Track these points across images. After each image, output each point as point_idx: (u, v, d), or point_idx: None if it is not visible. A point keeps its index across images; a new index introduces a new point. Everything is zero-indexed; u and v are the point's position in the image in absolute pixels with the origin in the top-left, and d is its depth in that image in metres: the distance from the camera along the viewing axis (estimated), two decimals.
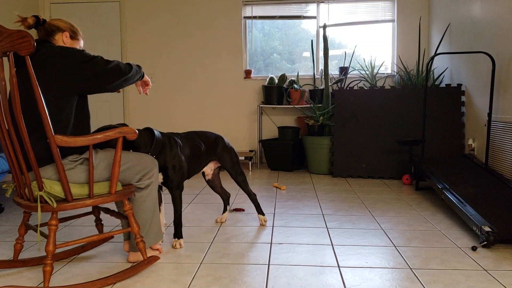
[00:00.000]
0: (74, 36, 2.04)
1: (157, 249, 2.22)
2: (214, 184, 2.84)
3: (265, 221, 2.77)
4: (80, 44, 2.10)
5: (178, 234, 2.36)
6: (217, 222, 2.82)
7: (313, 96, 4.95)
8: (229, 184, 4.05)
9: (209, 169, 2.72)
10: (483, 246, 2.29)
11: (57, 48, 1.86)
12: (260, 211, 2.77)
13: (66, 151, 1.83)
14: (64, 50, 1.86)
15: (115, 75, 1.91)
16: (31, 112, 1.80)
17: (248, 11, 5.41)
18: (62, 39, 1.99)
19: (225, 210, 2.88)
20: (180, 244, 2.34)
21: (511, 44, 3.29)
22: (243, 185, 2.72)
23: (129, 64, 2.00)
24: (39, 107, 1.65)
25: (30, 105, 1.79)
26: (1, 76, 1.67)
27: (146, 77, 2.21)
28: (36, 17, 1.93)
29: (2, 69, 1.66)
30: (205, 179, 2.80)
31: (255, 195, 2.78)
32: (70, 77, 1.82)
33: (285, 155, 4.76)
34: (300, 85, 5.12)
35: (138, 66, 2.09)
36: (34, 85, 1.64)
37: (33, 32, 1.91)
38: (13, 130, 1.73)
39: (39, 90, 1.66)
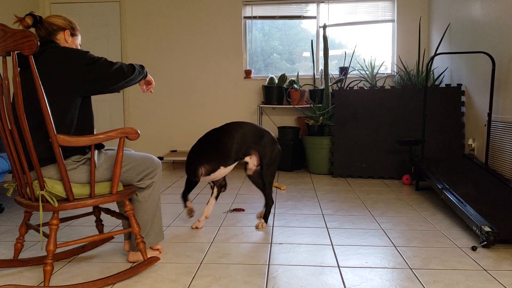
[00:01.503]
0: (73, 32, 2.05)
1: (157, 249, 2.23)
2: (256, 181, 2.83)
3: (262, 227, 2.69)
4: (79, 39, 2.10)
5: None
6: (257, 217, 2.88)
7: (313, 96, 4.95)
8: (232, 182, 4.04)
9: (252, 164, 2.71)
10: (483, 246, 2.29)
11: (62, 50, 1.86)
12: (265, 218, 2.73)
13: (70, 152, 1.83)
14: (69, 51, 1.86)
15: (119, 77, 1.92)
16: (36, 112, 1.80)
17: (248, 11, 5.41)
18: (64, 38, 1.99)
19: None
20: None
21: (511, 44, 3.30)
22: (268, 187, 2.70)
23: (132, 65, 2.01)
24: (42, 106, 1.66)
25: (34, 105, 1.80)
26: (4, 75, 1.67)
27: (149, 77, 2.21)
28: (33, 15, 1.93)
29: (5, 68, 1.67)
30: (245, 173, 2.84)
31: (273, 203, 2.78)
32: (75, 79, 1.82)
33: (285, 155, 4.77)
34: (300, 85, 5.12)
35: (141, 67, 2.09)
36: (37, 84, 1.64)
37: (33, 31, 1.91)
38: (16, 129, 1.73)
39: (42, 89, 1.66)
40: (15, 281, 1.91)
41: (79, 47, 2.10)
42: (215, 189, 2.77)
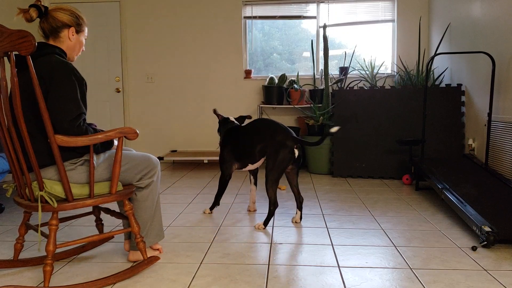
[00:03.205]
0: (79, 29, 1.96)
1: (158, 249, 2.23)
2: (291, 183, 2.82)
3: (258, 229, 2.66)
4: (85, 34, 2.02)
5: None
6: (294, 222, 2.79)
7: (313, 96, 4.95)
8: (234, 179, 4.04)
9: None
10: (483, 246, 2.29)
11: (57, 63, 1.80)
12: (265, 222, 2.69)
13: (67, 155, 1.83)
14: (63, 67, 1.79)
15: (71, 111, 1.75)
16: (35, 114, 1.79)
17: (248, 11, 5.41)
18: (68, 35, 1.92)
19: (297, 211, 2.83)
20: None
21: (511, 44, 3.29)
22: (268, 190, 2.66)
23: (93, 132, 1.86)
24: (40, 107, 1.65)
25: (33, 107, 1.79)
26: (2, 75, 1.67)
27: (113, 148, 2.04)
28: (38, 7, 1.84)
29: (3, 69, 1.66)
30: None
31: (275, 207, 2.69)
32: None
33: None
34: (300, 85, 5.12)
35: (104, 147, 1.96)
36: (35, 84, 1.63)
37: (36, 27, 1.84)
38: (14, 130, 1.73)
39: (40, 89, 1.65)
40: (15, 281, 1.91)
41: (83, 43, 2.02)
42: (252, 178, 3.08)
